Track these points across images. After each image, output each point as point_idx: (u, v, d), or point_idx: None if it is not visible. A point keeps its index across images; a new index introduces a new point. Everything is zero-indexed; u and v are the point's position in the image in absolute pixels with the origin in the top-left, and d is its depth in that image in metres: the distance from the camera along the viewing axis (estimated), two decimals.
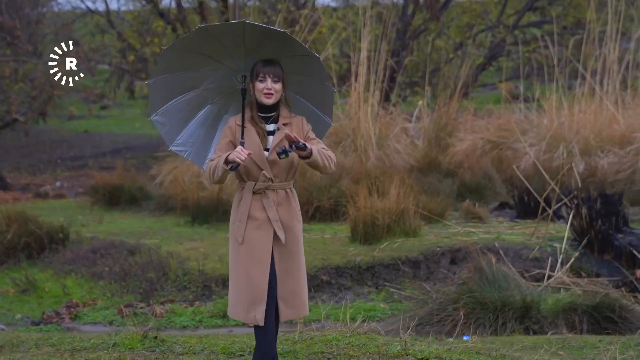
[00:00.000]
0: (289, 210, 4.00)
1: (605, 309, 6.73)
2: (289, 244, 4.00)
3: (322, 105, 4.13)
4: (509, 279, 7.12)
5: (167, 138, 4.14)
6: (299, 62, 4.01)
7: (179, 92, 4.12)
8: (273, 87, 3.94)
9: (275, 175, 3.97)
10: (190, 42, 3.97)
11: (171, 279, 7.72)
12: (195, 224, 9.56)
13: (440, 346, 4.51)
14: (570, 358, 4.78)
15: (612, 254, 7.74)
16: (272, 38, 3.91)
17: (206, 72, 4.09)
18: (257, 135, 3.95)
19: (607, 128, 11.19)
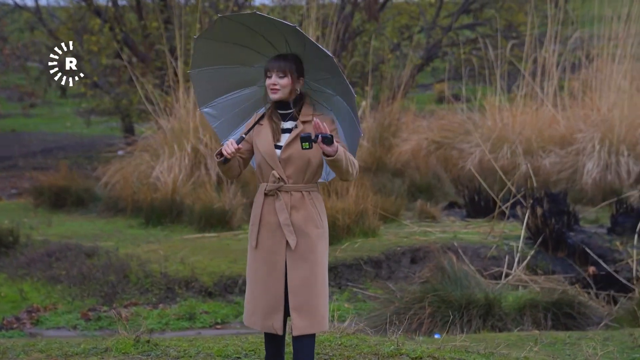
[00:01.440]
0: (304, 214, 3.74)
1: (565, 305, 6.97)
2: (303, 251, 3.74)
3: (354, 110, 3.83)
4: (469, 278, 7.29)
5: (220, 132, 4.02)
6: (333, 63, 3.73)
7: (234, 87, 4.00)
8: (278, 83, 3.76)
9: (289, 175, 3.74)
10: (223, 32, 3.78)
11: (132, 281, 7.63)
12: (149, 225, 9.46)
13: (431, 345, 4.61)
14: (546, 354, 4.94)
15: (565, 252, 8.00)
16: (302, 40, 3.72)
17: (260, 69, 3.91)
18: (270, 133, 3.77)
19: (548, 129, 11.53)
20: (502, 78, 12.51)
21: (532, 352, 4.62)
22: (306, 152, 3.71)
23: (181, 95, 11.91)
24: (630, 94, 11.51)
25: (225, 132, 4.02)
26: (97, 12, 16.68)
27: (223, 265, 7.71)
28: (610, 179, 10.62)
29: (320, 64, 3.77)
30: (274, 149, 3.74)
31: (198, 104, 4.02)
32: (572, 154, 11.00)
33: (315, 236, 3.76)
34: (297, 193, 3.76)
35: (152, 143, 11.87)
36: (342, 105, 3.87)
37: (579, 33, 12.94)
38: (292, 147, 3.74)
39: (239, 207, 9.15)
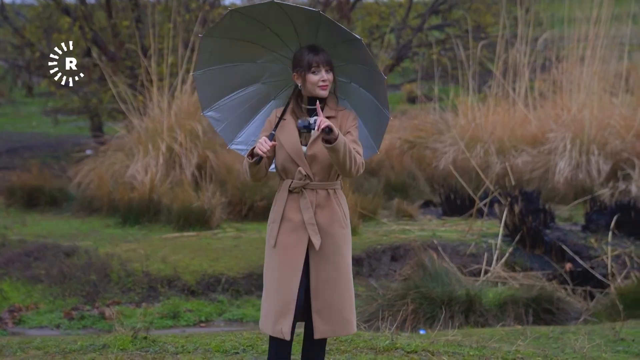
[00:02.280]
0: (330, 213, 3.62)
1: (544, 301, 7.11)
2: (328, 251, 3.60)
3: (379, 96, 3.70)
4: (450, 275, 7.40)
5: (225, 136, 3.89)
6: (352, 48, 3.63)
7: (238, 86, 3.84)
8: (328, 78, 3.62)
9: (315, 173, 3.62)
10: (231, 29, 3.64)
11: (114, 280, 7.61)
12: (126, 225, 9.41)
13: (424, 340, 4.68)
14: (534, 348, 5.04)
15: (542, 249, 8.14)
16: (316, 20, 3.56)
17: (265, 65, 3.80)
18: (295, 128, 3.64)
19: (520, 128, 11.70)
20: (474, 78, 12.66)
21: (522, 346, 4.71)
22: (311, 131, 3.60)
23: (155, 94, 11.88)
24: (599, 95, 11.72)
25: (231, 135, 3.90)
26: (66, 11, 16.54)
27: (205, 264, 7.73)
28: (581, 178, 10.81)
29: (338, 51, 3.65)
30: (300, 146, 3.64)
31: (201, 107, 3.89)
32: (544, 153, 11.17)
33: (341, 237, 3.64)
34: (323, 191, 3.65)
35: (126, 142, 11.81)
36: (359, 92, 3.74)
37: (549, 34, 13.14)
38: (318, 144, 3.62)
39: (218, 206, 9.16)
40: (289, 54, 3.74)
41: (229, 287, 7.51)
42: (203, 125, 11.49)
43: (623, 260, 8.06)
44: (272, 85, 3.87)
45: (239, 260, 7.78)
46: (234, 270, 7.64)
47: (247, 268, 7.68)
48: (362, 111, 3.79)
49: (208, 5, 14.89)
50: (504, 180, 10.16)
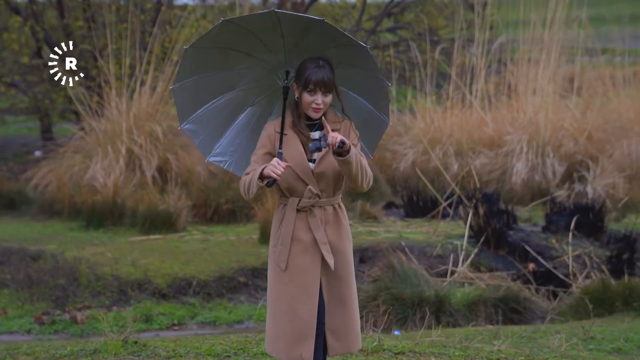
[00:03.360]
0: (338, 229, 3.51)
1: (511, 301, 7.29)
2: (339, 269, 3.50)
3: (377, 103, 3.62)
4: (418, 276, 7.53)
5: (203, 149, 3.71)
6: (346, 53, 3.50)
7: (213, 96, 3.68)
8: (323, 102, 3.48)
9: (322, 189, 3.49)
10: (217, 38, 3.51)
11: (83, 284, 7.55)
12: (90, 228, 9.33)
13: (409, 341, 4.78)
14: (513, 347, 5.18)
15: (506, 250, 8.32)
16: (310, 28, 3.43)
17: (243, 71, 3.64)
18: (300, 145, 3.49)
19: (477, 131, 11.91)
20: (431, 82, 12.84)
21: (503, 346, 4.83)
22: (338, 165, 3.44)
23: (113, 96, 11.78)
24: (554, 98, 12.00)
25: (208, 147, 3.73)
26: (16, 10, 16.26)
27: (175, 267, 7.72)
28: (537, 179, 11.07)
29: (328, 55, 3.50)
30: (307, 163, 3.49)
31: (179, 121, 3.71)
32: (501, 155, 11.40)
33: (349, 252, 3.57)
34: (330, 207, 3.53)
35: (84, 144, 11.70)
36: (349, 97, 3.64)
37: (504, 37, 13.39)
38: (325, 161, 3.50)
39: (184, 209, 9.14)
40: (271, 58, 3.60)
41: (200, 290, 7.51)
42: (163, 127, 11.44)
43: (583, 260, 8.29)
44: (249, 92, 3.72)
45: (209, 263, 7.79)
46: (204, 273, 7.65)
47: (217, 271, 7.70)
48: (352, 116, 3.64)
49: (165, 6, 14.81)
50: (462, 182, 10.34)
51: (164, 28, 13.87)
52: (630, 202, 9.84)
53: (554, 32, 12.06)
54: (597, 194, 10.14)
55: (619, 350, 5.42)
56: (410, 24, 17.90)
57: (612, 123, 12.27)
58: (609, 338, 5.73)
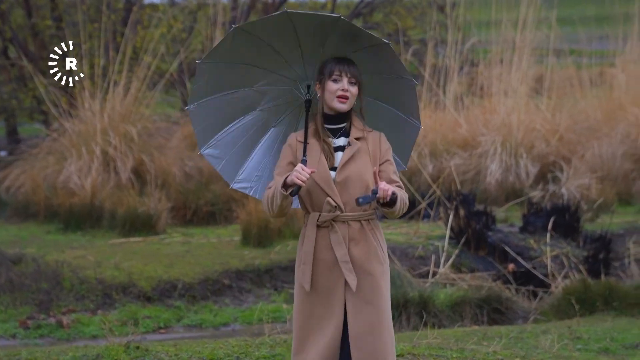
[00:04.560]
0: (365, 247, 3.23)
1: (493, 301, 7.40)
2: (366, 292, 3.21)
3: (404, 106, 3.40)
4: (402, 277, 7.62)
5: (226, 174, 3.50)
6: (368, 56, 3.30)
7: (233, 117, 3.46)
8: (350, 90, 3.24)
9: (346, 202, 3.22)
10: (232, 50, 3.33)
11: (67, 288, 7.49)
12: (68, 231, 9.25)
13: (407, 343, 4.84)
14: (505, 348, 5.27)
15: (486, 251, 8.44)
16: (327, 28, 3.24)
17: (263, 88, 3.45)
18: (321, 152, 3.26)
19: (451, 132, 12.03)
20: None
21: (498, 347, 4.92)
22: (364, 173, 3.23)
23: (86, 97, 11.69)
24: (526, 99, 12.17)
25: (232, 172, 3.51)
26: None
27: (159, 270, 7.69)
28: (511, 180, 11.22)
29: (360, 64, 3.32)
30: (328, 172, 3.25)
31: (198, 145, 3.49)
32: (475, 156, 11.53)
33: (380, 274, 3.26)
34: (356, 223, 3.25)
35: (57, 145, 11.59)
36: (375, 106, 3.43)
37: (476, 38, 13.54)
38: (348, 168, 3.25)
39: (164, 211, 9.11)
40: (291, 72, 3.44)
41: (185, 293, 7.50)
42: (137, 128, 11.38)
43: (561, 261, 8.43)
44: (271, 112, 3.52)
45: (193, 266, 7.78)
46: (189, 275, 7.64)
47: (202, 273, 7.69)
48: (378, 127, 3.44)
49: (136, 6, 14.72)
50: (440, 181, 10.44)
51: (135, 28, 13.79)
52: (603, 203, 10.03)
53: (525, 34, 12.22)
54: (571, 194, 10.31)
55: (607, 350, 5.54)
56: (380, 25, 18.01)
57: (581, 124, 12.48)
58: (595, 338, 5.85)
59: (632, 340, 5.67)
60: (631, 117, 11.75)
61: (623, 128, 11.63)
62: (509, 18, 12.77)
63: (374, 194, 3.16)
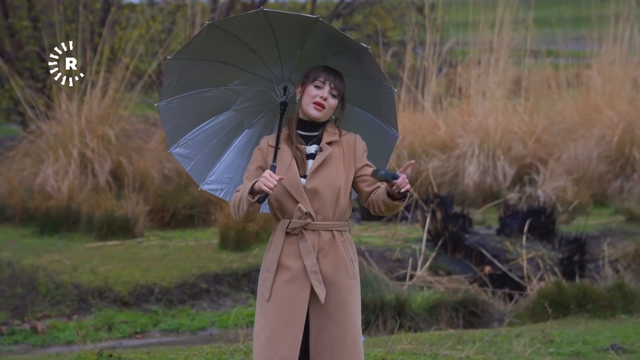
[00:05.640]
0: (335, 259, 3.12)
1: (470, 304, 7.45)
2: (332, 306, 3.09)
3: (383, 115, 3.30)
4: (379, 280, 7.65)
5: (196, 175, 3.41)
6: (347, 60, 3.21)
7: (206, 116, 3.37)
8: (328, 100, 3.15)
9: (317, 210, 3.13)
10: (205, 47, 3.24)
11: (42, 293, 7.46)
12: (44, 234, 9.19)
13: (380, 349, 4.86)
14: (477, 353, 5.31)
15: (463, 253, 8.49)
16: (305, 30, 3.15)
17: (238, 88, 3.36)
18: (292, 158, 3.18)
19: (430, 134, 12.08)
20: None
21: (471, 352, 4.95)
22: (336, 180, 3.16)
23: (63, 98, 11.63)
24: (504, 101, 12.24)
25: (201, 173, 3.43)
26: None
27: (136, 274, 7.68)
28: (489, 182, 11.27)
29: (339, 68, 3.23)
30: (298, 178, 3.17)
31: (168, 144, 3.41)
32: (453, 158, 11.58)
33: (348, 289, 3.13)
34: (327, 233, 3.15)
35: (34, 147, 11.52)
36: (353, 112, 3.33)
37: (454, 40, 13.59)
38: (319, 175, 3.17)
39: (141, 215, 9.09)
40: (267, 73, 3.35)
41: (162, 297, 7.49)
42: (115, 130, 11.34)
43: (537, 263, 8.49)
44: (245, 112, 3.44)
45: (171, 270, 7.77)
46: (166, 280, 7.63)
47: (179, 277, 7.69)
48: (355, 131, 3.35)
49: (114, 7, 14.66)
50: (418, 184, 10.49)
51: (113, 29, 13.73)
52: (578, 204, 10.11)
53: (502, 35, 12.28)
54: (548, 197, 10.38)
55: (578, 354, 5.59)
56: (360, 26, 18.04)
57: (557, 125, 12.56)
58: (567, 341, 5.89)
59: (604, 343, 5.72)
60: (606, 119, 11.85)
61: (598, 130, 11.72)
62: (486, 19, 12.83)
63: (394, 177, 3.05)
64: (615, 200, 10.89)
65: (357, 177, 3.27)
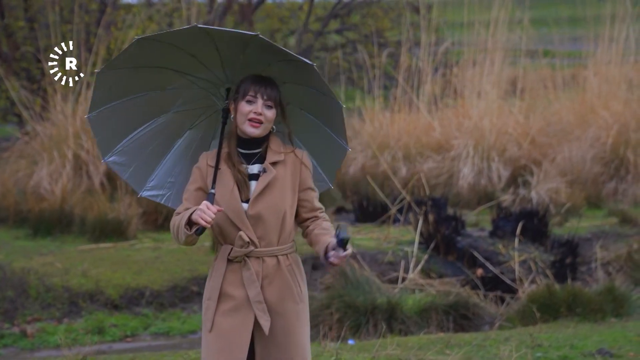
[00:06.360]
0: (280, 286, 2.99)
1: (461, 307, 7.44)
2: (277, 334, 2.96)
3: (334, 125, 3.13)
4: (370, 283, 7.64)
5: (134, 182, 3.24)
6: (293, 68, 3.05)
7: (141, 121, 3.19)
8: (264, 114, 2.96)
9: (260, 236, 2.98)
10: (137, 57, 3.08)
11: (33, 296, 7.46)
12: (37, 236, 9.20)
13: (366, 354, 4.86)
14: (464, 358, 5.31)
15: (455, 256, 8.49)
16: (245, 40, 3.00)
17: (176, 91, 3.18)
18: (232, 181, 2.98)
19: (425, 135, 12.08)
20: (379, 85, 12.96)
21: (457, 357, 4.95)
22: (281, 204, 2.97)
23: (58, 99, 11.63)
24: (499, 102, 12.23)
25: (141, 180, 3.26)
26: None
27: (128, 277, 7.68)
28: (483, 183, 11.27)
29: (272, 70, 3.09)
30: (239, 204, 2.98)
31: (101, 154, 3.22)
32: (448, 159, 11.58)
33: (294, 315, 3.00)
34: (271, 259, 3.02)
35: (29, 149, 11.53)
36: (303, 117, 3.19)
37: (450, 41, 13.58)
38: (263, 200, 2.98)
39: (134, 217, 9.09)
40: (208, 75, 3.17)
41: (153, 301, 7.50)
42: None
43: (529, 266, 8.49)
44: (187, 114, 3.27)
45: (162, 273, 7.77)
46: (157, 283, 7.63)
47: (170, 280, 7.69)
48: (308, 140, 3.24)
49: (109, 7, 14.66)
50: (410, 186, 10.50)
51: (109, 29, 13.73)
52: (572, 206, 10.11)
53: (497, 36, 12.28)
54: (541, 198, 10.38)
55: (566, 358, 5.58)
56: (357, 26, 18.04)
57: (554, 126, 12.56)
58: (555, 345, 5.89)
59: (592, 348, 5.72)
60: (601, 120, 11.84)
61: (593, 131, 11.71)
62: (481, 20, 12.83)
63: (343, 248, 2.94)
64: (609, 202, 10.89)
65: (298, 200, 3.12)
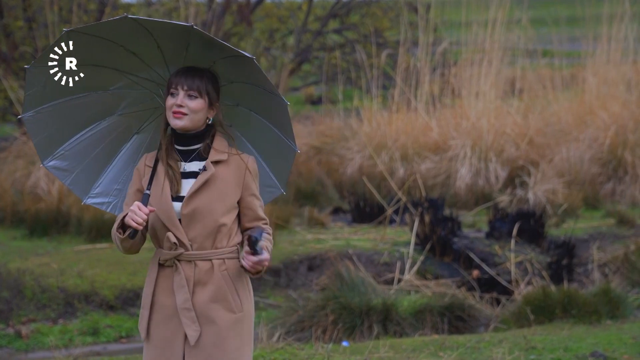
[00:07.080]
0: (213, 292, 2.78)
1: (456, 309, 7.43)
2: (210, 345, 2.77)
3: (282, 126, 2.99)
4: (366, 284, 7.63)
5: (78, 189, 3.09)
6: (236, 66, 2.92)
7: (84, 124, 3.03)
8: (186, 105, 2.82)
9: (193, 238, 2.80)
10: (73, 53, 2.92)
11: (28, 297, 7.46)
12: (33, 237, 9.20)
13: (358, 357, 4.86)
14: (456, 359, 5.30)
15: (451, 257, 8.48)
16: (183, 33, 2.86)
17: (120, 92, 3.03)
18: (165, 179, 2.83)
19: (422, 136, 12.07)
20: (377, 85, 12.96)
21: (450, 359, 4.95)
22: (217, 205, 2.79)
23: None
24: (496, 103, 12.22)
25: (85, 186, 3.10)
26: None
27: (123, 278, 7.68)
28: (481, 184, 11.27)
29: (217, 68, 2.97)
30: (170, 203, 2.81)
31: (40, 158, 3.06)
32: (445, 160, 11.58)
33: (228, 324, 2.79)
34: (205, 263, 2.82)
35: (26, 149, 11.53)
36: (252, 119, 3.05)
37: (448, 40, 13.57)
38: (198, 199, 2.81)
39: None
40: (152, 75, 3.04)
41: None
42: None
43: (525, 267, 8.49)
44: (133, 117, 3.12)
45: None
46: None
47: None
48: (258, 143, 3.12)
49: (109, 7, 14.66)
50: (408, 186, 10.49)
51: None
52: (569, 207, 10.10)
53: (495, 36, 12.27)
54: (538, 199, 10.37)
55: None
56: (356, 26, 18.04)
57: (552, 126, 12.55)
58: (549, 348, 5.88)
59: (586, 350, 5.71)
60: (599, 121, 11.83)
61: (591, 132, 11.70)
62: (479, 19, 12.82)
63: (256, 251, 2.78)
64: (607, 203, 10.88)
65: (240, 207, 2.94)
